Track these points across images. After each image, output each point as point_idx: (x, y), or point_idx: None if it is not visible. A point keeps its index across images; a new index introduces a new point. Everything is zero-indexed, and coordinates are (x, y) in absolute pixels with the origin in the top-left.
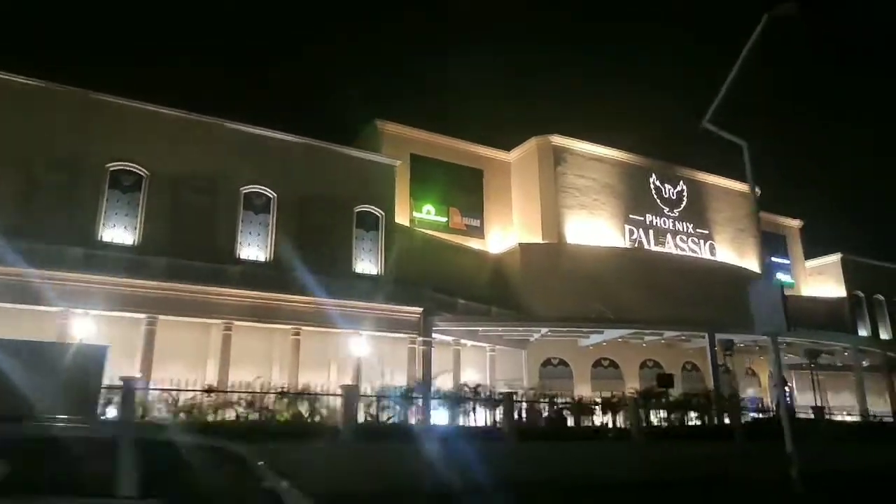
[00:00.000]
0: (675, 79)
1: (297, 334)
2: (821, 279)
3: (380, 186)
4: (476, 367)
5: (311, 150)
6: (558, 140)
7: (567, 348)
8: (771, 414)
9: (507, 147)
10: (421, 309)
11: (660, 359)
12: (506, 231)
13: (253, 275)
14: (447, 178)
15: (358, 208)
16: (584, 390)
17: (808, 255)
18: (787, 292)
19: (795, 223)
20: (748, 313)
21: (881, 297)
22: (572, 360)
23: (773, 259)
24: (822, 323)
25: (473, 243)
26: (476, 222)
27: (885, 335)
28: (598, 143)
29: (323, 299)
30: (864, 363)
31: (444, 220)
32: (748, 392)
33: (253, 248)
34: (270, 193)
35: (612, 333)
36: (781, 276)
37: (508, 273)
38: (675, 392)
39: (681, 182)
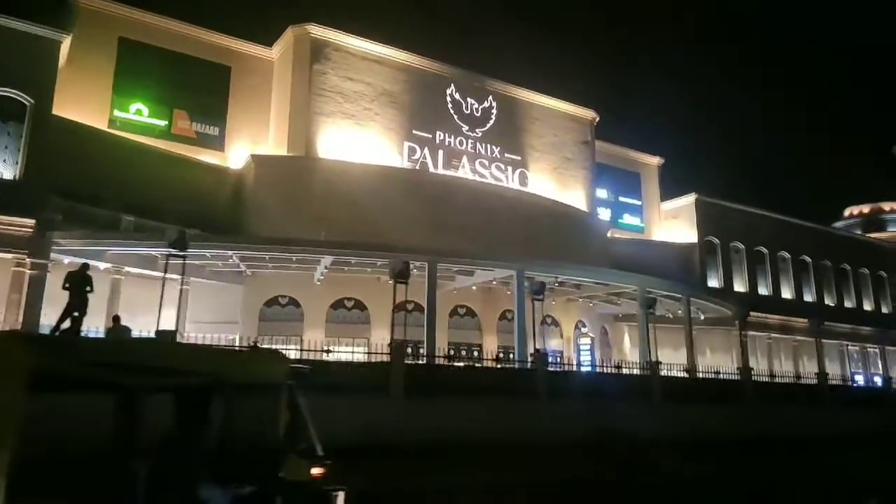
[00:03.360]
0: None
1: None
2: (676, 223)
3: (31, 66)
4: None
5: None
6: (319, 32)
7: (300, 284)
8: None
9: (270, 41)
10: (33, 221)
11: (421, 300)
12: (259, 144)
13: None
14: (175, 73)
15: None
16: (317, 336)
17: (672, 196)
18: (637, 236)
19: (654, 160)
20: (559, 251)
21: (740, 245)
22: (305, 299)
23: (622, 199)
24: (669, 271)
25: (207, 155)
26: (214, 130)
27: (740, 287)
28: (378, 41)
29: None
30: (702, 316)
31: (163, 123)
32: (551, 344)
33: None
34: None
35: (326, 262)
36: (629, 218)
37: (245, 192)
38: None
39: (489, 97)
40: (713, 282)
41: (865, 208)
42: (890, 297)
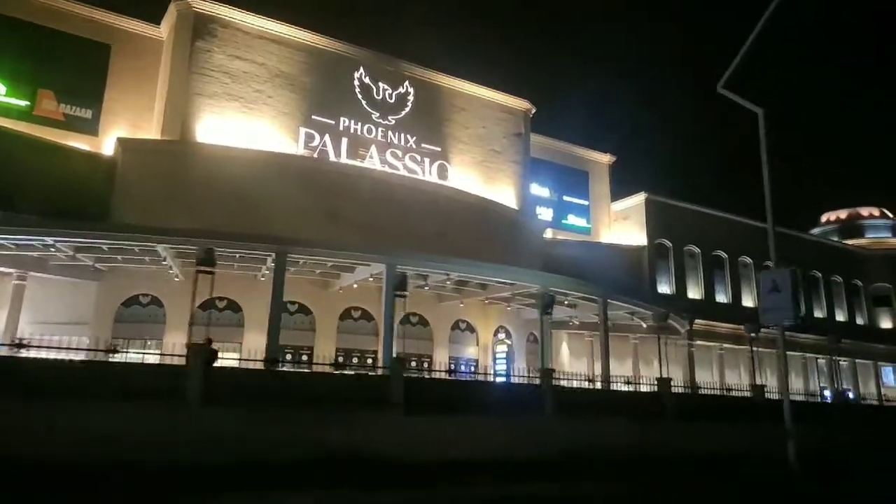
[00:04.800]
0: None
1: None
2: (626, 225)
3: None
4: (28, 304)
5: None
6: (204, 6)
7: (164, 282)
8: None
9: (158, 19)
10: None
11: (310, 302)
12: (143, 130)
13: None
14: (42, 50)
15: None
16: (180, 338)
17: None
18: (582, 238)
19: (604, 158)
20: (480, 251)
21: (695, 249)
22: (169, 299)
23: (567, 198)
24: (615, 275)
25: (77, 140)
26: (86, 113)
27: (694, 294)
28: (276, 18)
29: None
30: (643, 324)
31: (24, 104)
32: (468, 352)
33: None
34: None
35: (168, 255)
36: (574, 219)
37: (115, 180)
38: None
39: (406, 83)
40: (664, 287)
41: (843, 214)
42: (865, 307)
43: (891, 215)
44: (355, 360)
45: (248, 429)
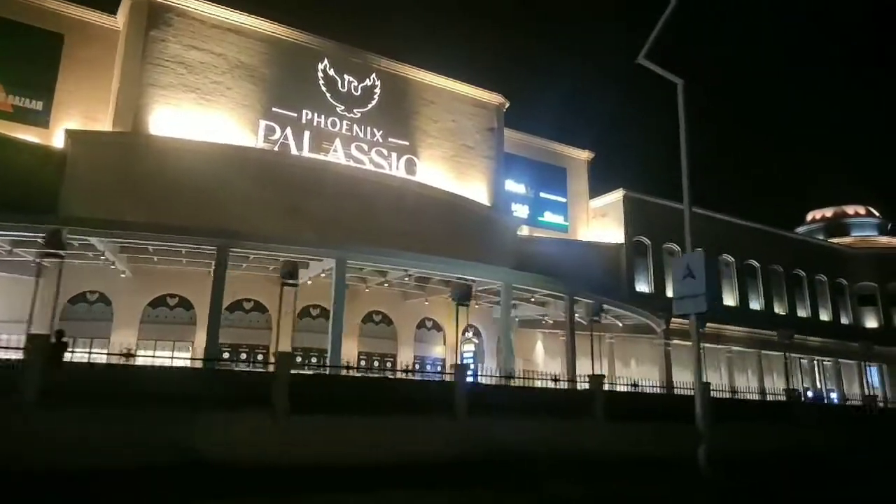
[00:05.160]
0: None
1: None
2: (605, 222)
3: None
4: None
5: None
6: None
7: (112, 278)
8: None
9: (114, 9)
10: None
11: (266, 300)
12: (98, 122)
13: None
14: None
15: None
16: (129, 337)
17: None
18: (560, 236)
19: (583, 154)
20: (451, 248)
21: (675, 247)
22: (117, 296)
23: (543, 195)
24: (592, 273)
25: (27, 132)
26: (36, 104)
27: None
28: (235, 7)
29: None
30: (619, 323)
31: None
32: (435, 351)
33: None
34: None
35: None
36: (551, 216)
37: (65, 172)
38: None
39: (373, 76)
40: (642, 286)
41: (828, 212)
42: (850, 306)
43: (877, 213)
44: (314, 360)
45: (92, 431)
